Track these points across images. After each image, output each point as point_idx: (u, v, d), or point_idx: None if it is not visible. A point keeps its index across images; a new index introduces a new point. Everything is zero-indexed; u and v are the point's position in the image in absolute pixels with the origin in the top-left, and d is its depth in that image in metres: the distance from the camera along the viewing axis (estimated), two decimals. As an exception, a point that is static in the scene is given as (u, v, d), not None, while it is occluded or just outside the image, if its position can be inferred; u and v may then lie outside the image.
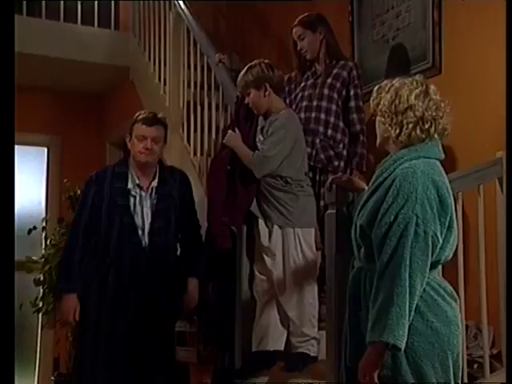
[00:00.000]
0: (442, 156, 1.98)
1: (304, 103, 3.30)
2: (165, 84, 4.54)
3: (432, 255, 1.83)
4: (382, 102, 1.96)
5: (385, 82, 2.01)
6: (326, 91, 3.22)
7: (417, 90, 1.92)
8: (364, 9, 3.95)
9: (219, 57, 3.63)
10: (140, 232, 3.02)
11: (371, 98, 2.02)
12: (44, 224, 5.27)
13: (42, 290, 5.07)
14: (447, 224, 1.86)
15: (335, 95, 3.24)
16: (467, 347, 2.68)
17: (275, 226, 2.96)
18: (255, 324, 3.01)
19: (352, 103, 3.25)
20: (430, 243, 1.82)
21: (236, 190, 3.03)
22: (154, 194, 3.07)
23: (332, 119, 3.24)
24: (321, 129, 3.23)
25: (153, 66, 4.77)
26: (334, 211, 2.39)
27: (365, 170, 3.23)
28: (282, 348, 2.98)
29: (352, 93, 3.24)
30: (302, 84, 3.35)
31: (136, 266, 2.99)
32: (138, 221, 3.03)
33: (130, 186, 3.05)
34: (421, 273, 1.80)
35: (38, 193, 5.89)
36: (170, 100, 4.40)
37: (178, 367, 3.42)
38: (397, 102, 1.92)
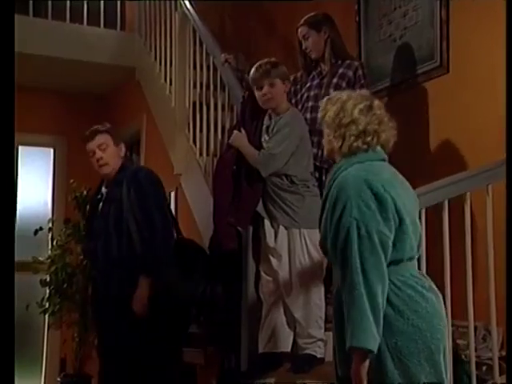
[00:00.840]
0: (379, 157, 2.03)
1: (310, 103, 3.28)
2: (171, 84, 4.53)
3: (385, 250, 1.87)
4: (327, 114, 2.05)
5: (334, 93, 2.12)
6: (331, 91, 3.18)
7: (361, 105, 2.01)
8: (371, 8, 3.93)
9: (225, 57, 3.61)
10: (87, 237, 3.28)
11: (320, 109, 2.11)
12: (50, 225, 5.28)
13: (48, 291, 5.08)
14: (392, 218, 1.89)
15: None
16: (476, 349, 2.65)
17: (281, 227, 2.94)
18: (261, 325, 3.00)
19: None
20: (377, 240, 1.86)
21: (242, 191, 3.01)
22: (102, 198, 3.22)
23: None
24: None
25: (159, 67, 4.76)
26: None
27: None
28: (289, 349, 2.96)
29: None
30: (308, 84, 3.33)
31: (91, 268, 3.32)
32: (92, 227, 3.24)
33: (98, 196, 3.27)
34: (376, 270, 1.84)
35: (45, 193, 5.90)
36: (175, 100, 4.38)
37: (184, 368, 3.43)
38: (341, 115, 2.01)
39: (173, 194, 4.38)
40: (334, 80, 3.23)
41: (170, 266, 3.07)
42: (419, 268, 2.44)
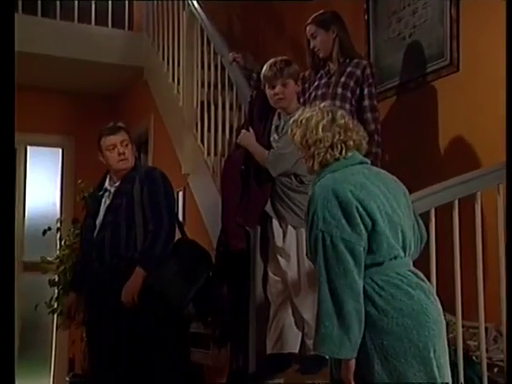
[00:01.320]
0: (355, 161, 2.08)
1: (317, 102, 3.24)
2: (178, 84, 4.52)
3: (355, 256, 1.90)
4: (295, 137, 2.12)
5: (298, 113, 2.18)
6: (339, 90, 3.16)
7: (323, 121, 2.07)
8: (380, 6, 3.89)
9: (233, 55, 3.59)
10: (95, 229, 3.21)
11: (289, 130, 2.16)
12: (59, 225, 5.28)
13: (56, 291, 5.08)
14: (360, 222, 1.92)
15: (349, 94, 3.18)
16: (487, 350, 2.62)
17: (289, 227, 2.92)
18: (269, 326, 2.98)
19: (366, 102, 3.18)
20: (343, 249, 1.90)
21: (250, 190, 3.00)
22: (113, 192, 3.22)
23: None
24: None
25: (166, 66, 4.76)
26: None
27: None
28: (297, 350, 2.94)
29: (366, 92, 3.18)
30: (316, 83, 3.31)
31: (89, 261, 3.20)
32: (96, 220, 3.23)
33: (100, 192, 3.27)
34: (344, 278, 1.88)
35: (53, 194, 5.90)
36: (183, 100, 4.37)
37: (191, 368, 3.43)
38: (307, 135, 2.08)
39: (181, 194, 4.37)
40: (342, 79, 3.21)
41: (164, 264, 3.11)
42: (428, 267, 2.43)
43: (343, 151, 2.06)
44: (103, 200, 3.24)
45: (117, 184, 3.22)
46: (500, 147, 3.01)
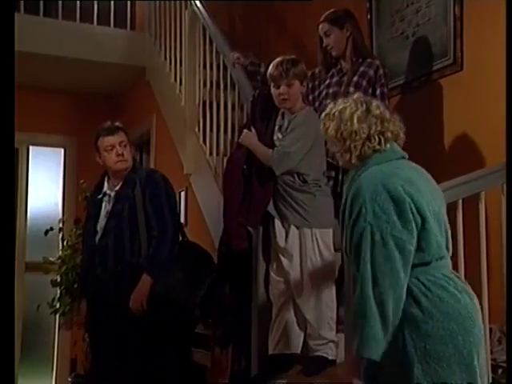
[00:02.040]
0: (398, 155, 2.00)
1: (328, 101, 3.18)
2: (180, 83, 4.51)
3: (403, 255, 1.82)
4: (328, 130, 2.02)
5: (330, 106, 2.07)
6: (351, 89, 3.12)
7: (358, 112, 1.98)
8: (383, 5, 3.87)
9: (234, 57, 3.57)
10: (97, 235, 3.16)
11: (321, 124, 2.07)
12: (61, 225, 5.28)
13: (59, 291, 5.07)
14: (412, 219, 1.84)
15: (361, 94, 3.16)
16: (491, 351, 2.60)
17: (292, 227, 2.90)
18: (271, 326, 2.96)
19: None
20: (393, 246, 1.82)
21: (253, 190, 2.98)
22: (114, 197, 3.18)
23: None
24: None
25: (169, 66, 4.74)
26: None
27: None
28: (299, 351, 2.92)
29: (378, 92, 3.16)
30: (327, 81, 3.27)
31: (92, 267, 3.16)
32: (97, 225, 3.18)
33: (100, 195, 3.22)
34: (390, 277, 1.80)
35: (55, 194, 5.89)
36: (185, 99, 4.36)
37: (193, 369, 3.42)
38: (342, 128, 1.98)
39: (183, 194, 4.35)
40: (355, 78, 3.17)
41: (169, 269, 3.08)
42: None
43: (382, 143, 1.97)
44: (103, 204, 3.20)
45: (117, 187, 3.17)
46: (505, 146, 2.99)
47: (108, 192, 3.21)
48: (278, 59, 2.98)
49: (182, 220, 4.12)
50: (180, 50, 4.53)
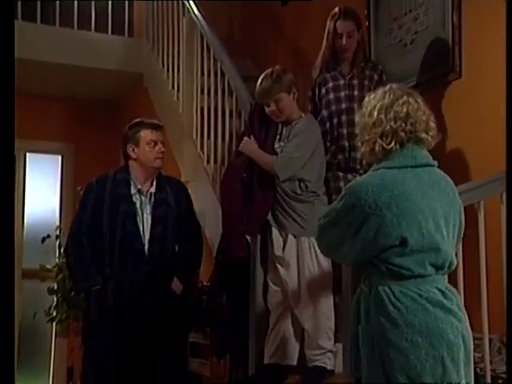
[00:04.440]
0: (406, 163, 1.91)
1: (343, 105, 3.09)
2: (178, 90, 4.49)
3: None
4: (356, 118, 2.01)
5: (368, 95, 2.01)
6: (365, 93, 3.06)
7: (379, 105, 1.90)
8: (381, 12, 3.86)
9: None
10: (142, 238, 3.03)
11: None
12: (58, 232, 5.24)
13: (55, 299, 5.04)
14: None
15: None
16: (491, 362, 2.57)
17: (290, 236, 2.88)
18: (268, 336, 2.94)
19: None
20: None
21: (253, 198, 2.95)
22: (152, 199, 3.10)
23: None
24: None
25: (166, 73, 4.73)
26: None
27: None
28: (295, 363, 2.90)
29: None
30: (331, 84, 3.14)
31: (137, 273, 3.00)
32: (140, 227, 3.04)
33: (132, 191, 3.08)
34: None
35: (53, 201, 5.86)
36: (183, 106, 4.34)
37: (190, 378, 3.39)
38: (361, 119, 1.96)
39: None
40: (366, 82, 3.12)
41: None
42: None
43: (392, 143, 1.88)
44: (136, 202, 3.07)
45: (151, 189, 3.09)
46: (504, 155, 2.97)
47: (143, 190, 3.09)
48: (261, 76, 2.94)
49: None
50: (178, 57, 4.51)
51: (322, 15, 3.38)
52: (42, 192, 5.84)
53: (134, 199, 3.08)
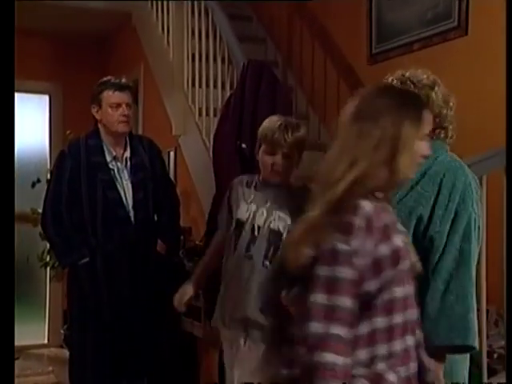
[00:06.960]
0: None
1: None
2: (168, 33, 4.27)
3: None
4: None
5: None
6: None
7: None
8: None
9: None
10: (126, 205, 2.95)
11: None
12: (48, 176, 5.13)
13: (48, 244, 4.99)
14: None
15: None
16: (487, 336, 2.54)
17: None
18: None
19: None
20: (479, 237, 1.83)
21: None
22: (128, 164, 3.00)
23: None
24: None
25: (155, 15, 4.50)
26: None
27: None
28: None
29: None
30: None
31: (125, 241, 2.95)
32: (122, 194, 2.96)
33: (108, 158, 2.97)
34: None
35: (42, 144, 5.71)
36: (173, 53, 4.14)
37: (182, 334, 3.41)
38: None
39: (172, 154, 4.20)
40: None
41: None
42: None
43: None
44: (114, 169, 2.98)
45: (126, 154, 3.00)
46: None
47: (115, 155, 3.00)
48: (280, 121, 2.30)
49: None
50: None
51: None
52: (31, 134, 5.69)
53: (111, 166, 2.98)
